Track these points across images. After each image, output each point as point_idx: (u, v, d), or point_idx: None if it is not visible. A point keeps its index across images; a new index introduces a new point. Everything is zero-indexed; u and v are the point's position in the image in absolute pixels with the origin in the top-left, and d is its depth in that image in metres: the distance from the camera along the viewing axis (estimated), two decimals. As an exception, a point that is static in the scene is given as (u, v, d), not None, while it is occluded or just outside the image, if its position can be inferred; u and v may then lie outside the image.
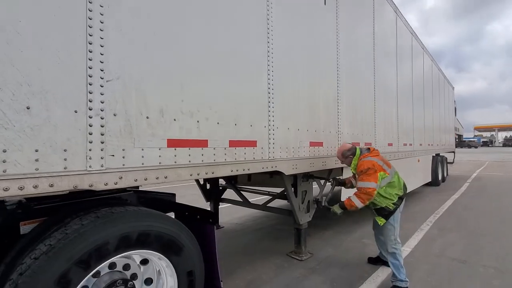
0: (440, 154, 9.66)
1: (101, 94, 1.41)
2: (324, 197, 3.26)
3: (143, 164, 1.58)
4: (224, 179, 4.33)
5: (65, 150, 1.29)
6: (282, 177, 2.90)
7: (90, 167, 1.37)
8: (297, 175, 3.22)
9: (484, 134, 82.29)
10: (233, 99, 2.15)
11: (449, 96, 11.18)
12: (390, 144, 5.11)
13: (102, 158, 1.41)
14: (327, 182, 3.60)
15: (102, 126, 1.41)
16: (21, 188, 1.16)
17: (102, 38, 1.42)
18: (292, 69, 2.79)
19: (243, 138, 2.23)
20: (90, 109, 1.37)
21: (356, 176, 2.85)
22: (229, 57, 2.13)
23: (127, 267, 1.63)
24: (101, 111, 1.42)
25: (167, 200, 2.38)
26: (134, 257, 1.67)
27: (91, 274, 1.40)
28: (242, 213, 5.52)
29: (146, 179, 1.60)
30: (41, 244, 1.32)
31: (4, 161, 1.12)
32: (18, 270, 1.25)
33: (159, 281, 1.77)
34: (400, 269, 2.64)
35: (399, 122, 5.61)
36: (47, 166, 1.23)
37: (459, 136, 15.37)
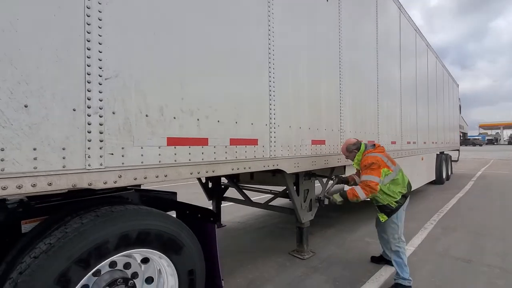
0: (444, 152, 9.57)
1: (99, 92, 1.40)
2: (325, 193, 3.23)
3: (142, 162, 1.57)
4: (226, 177, 4.32)
5: (63, 149, 1.28)
6: (284, 175, 2.88)
7: (89, 165, 1.36)
8: (299, 173, 3.20)
9: (489, 132, 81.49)
10: (233, 97, 2.14)
11: (453, 94, 11.05)
12: (393, 142, 5.06)
13: (101, 156, 1.40)
14: (329, 181, 3.57)
15: (101, 125, 1.41)
16: (19, 187, 1.16)
17: (100, 36, 1.41)
18: (293, 66, 2.76)
19: (244, 137, 2.22)
20: (88, 107, 1.36)
21: (360, 171, 2.83)
22: (229, 54, 2.11)
23: (128, 266, 1.63)
24: (100, 109, 1.41)
25: (168, 199, 2.37)
26: (135, 256, 1.67)
27: (91, 273, 1.40)
28: (244, 211, 5.52)
29: (145, 178, 1.59)
30: (41, 243, 1.32)
31: (2, 160, 1.12)
32: (18, 269, 1.24)
33: (160, 280, 1.77)
34: (403, 268, 2.61)
35: (403, 120, 5.56)
36: (45, 164, 1.23)
37: (463, 134, 15.22)
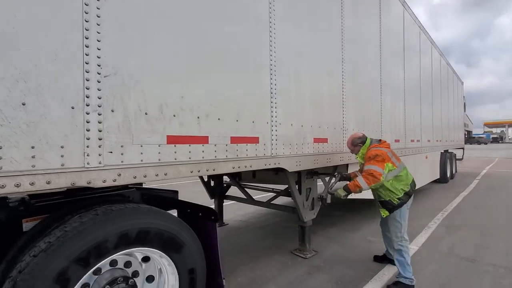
0: (448, 151, 9.47)
1: (98, 90, 1.39)
2: (328, 190, 3.21)
3: (142, 161, 1.56)
4: (228, 176, 4.31)
5: (62, 147, 1.27)
6: (286, 174, 2.86)
7: (88, 164, 1.35)
8: (301, 172, 3.18)
9: (494, 130, 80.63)
10: (234, 95, 2.12)
11: (458, 91, 10.92)
12: (397, 141, 5.01)
13: (100, 155, 1.39)
14: (332, 179, 3.55)
15: (99, 123, 1.39)
16: (17, 185, 1.15)
17: (99, 33, 1.39)
18: (295, 63, 2.73)
19: (245, 135, 2.20)
20: (87, 105, 1.35)
21: (364, 165, 2.81)
22: (229, 51, 2.08)
23: (128, 264, 1.62)
24: (99, 107, 1.39)
25: (169, 197, 2.36)
26: (136, 254, 1.67)
27: (91, 271, 1.40)
28: (246, 210, 5.52)
29: (145, 176, 1.58)
30: (41, 241, 1.32)
31: (0, 158, 1.11)
32: (18, 267, 1.24)
33: (161, 278, 1.76)
34: (405, 267, 2.58)
35: (406, 118, 5.50)
36: (43, 163, 1.22)
37: (468, 132, 15.08)
